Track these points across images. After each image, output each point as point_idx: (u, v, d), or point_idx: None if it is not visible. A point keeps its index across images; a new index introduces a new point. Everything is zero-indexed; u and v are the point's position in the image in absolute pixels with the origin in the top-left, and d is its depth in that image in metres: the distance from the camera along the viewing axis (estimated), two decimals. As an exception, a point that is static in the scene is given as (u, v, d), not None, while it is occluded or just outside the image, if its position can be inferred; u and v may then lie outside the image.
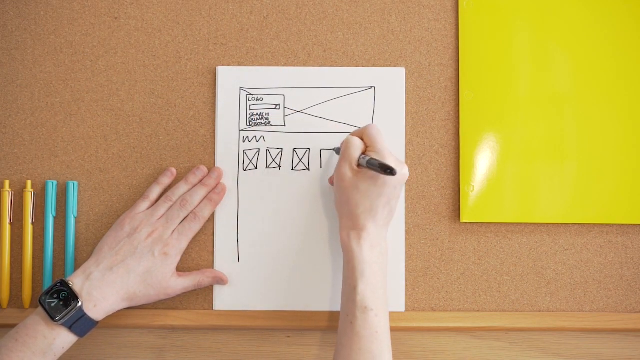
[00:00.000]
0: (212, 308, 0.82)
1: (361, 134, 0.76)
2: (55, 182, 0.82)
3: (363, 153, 0.74)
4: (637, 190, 0.82)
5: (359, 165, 0.74)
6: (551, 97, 0.83)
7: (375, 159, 0.71)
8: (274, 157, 0.82)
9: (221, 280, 0.81)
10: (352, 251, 0.73)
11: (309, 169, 0.82)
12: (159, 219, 0.78)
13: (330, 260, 0.81)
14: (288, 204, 0.82)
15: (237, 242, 0.82)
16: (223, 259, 0.82)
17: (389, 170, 0.69)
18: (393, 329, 0.81)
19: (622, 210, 0.82)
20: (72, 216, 0.82)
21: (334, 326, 0.81)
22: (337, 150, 0.81)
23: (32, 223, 0.82)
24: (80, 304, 0.71)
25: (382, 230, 0.74)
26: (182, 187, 0.81)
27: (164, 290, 0.77)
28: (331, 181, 0.80)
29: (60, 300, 0.71)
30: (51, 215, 0.81)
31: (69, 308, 0.71)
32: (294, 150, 0.82)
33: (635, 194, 0.82)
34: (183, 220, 0.79)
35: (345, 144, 0.75)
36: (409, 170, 0.82)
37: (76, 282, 0.73)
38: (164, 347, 0.82)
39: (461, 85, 0.83)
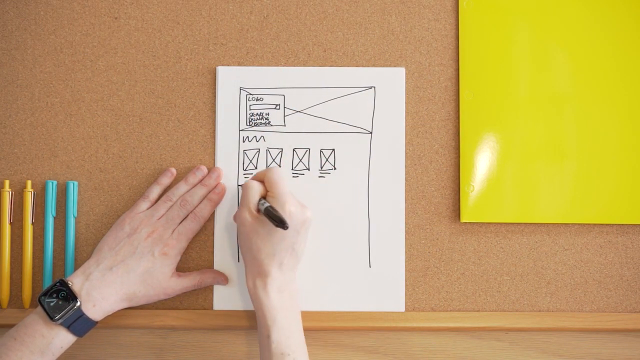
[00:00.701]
0: (212, 308, 0.82)
1: (262, 177, 0.76)
2: (55, 182, 0.82)
3: (263, 197, 0.74)
4: (637, 190, 0.82)
5: (258, 211, 0.74)
6: (551, 97, 0.83)
7: (270, 209, 0.71)
8: (274, 157, 0.82)
9: (221, 280, 0.81)
10: (259, 299, 0.73)
11: (309, 169, 0.82)
12: (159, 219, 0.78)
13: (330, 259, 0.81)
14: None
15: (237, 242, 0.82)
16: (223, 259, 0.82)
17: (280, 224, 0.70)
18: (393, 329, 0.81)
19: (622, 210, 0.82)
20: (72, 216, 0.82)
21: (334, 326, 0.81)
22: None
23: (32, 223, 0.82)
24: (79, 303, 0.71)
25: (288, 275, 0.74)
26: (182, 187, 0.80)
27: (163, 290, 0.77)
28: (235, 219, 0.79)
29: (59, 300, 0.71)
30: (51, 215, 0.81)
31: (68, 308, 0.71)
32: (294, 150, 0.82)
33: (635, 194, 0.82)
34: (183, 220, 0.79)
35: (244, 188, 0.75)
36: (411, 170, 0.82)
37: (75, 282, 0.73)
38: (164, 347, 0.82)
39: (461, 85, 0.83)
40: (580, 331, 0.82)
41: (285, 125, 0.83)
